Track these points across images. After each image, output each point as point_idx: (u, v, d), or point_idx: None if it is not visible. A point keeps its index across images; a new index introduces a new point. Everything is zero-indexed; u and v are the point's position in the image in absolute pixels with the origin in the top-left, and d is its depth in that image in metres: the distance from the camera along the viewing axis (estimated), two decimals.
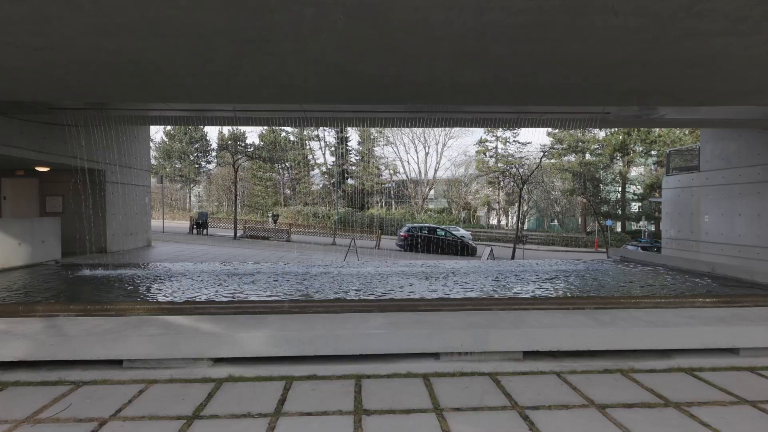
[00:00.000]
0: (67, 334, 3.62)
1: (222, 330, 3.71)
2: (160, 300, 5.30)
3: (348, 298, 5.63)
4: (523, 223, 39.18)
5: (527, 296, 6.11)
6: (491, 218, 44.02)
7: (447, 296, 5.94)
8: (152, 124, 13.04)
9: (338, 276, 7.60)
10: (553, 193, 38.13)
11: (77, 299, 5.60)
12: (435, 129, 41.11)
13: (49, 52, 4.73)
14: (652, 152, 35.06)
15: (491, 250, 14.11)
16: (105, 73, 5.47)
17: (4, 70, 5.30)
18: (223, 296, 5.73)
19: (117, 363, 3.64)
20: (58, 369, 3.57)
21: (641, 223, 36.05)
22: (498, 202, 40.81)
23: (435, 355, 3.80)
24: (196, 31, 4.37)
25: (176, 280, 6.93)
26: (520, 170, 20.23)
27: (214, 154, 50.23)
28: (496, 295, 6.23)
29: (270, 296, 5.85)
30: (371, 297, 5.87)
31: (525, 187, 18.80)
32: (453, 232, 20.22)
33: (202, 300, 5.30)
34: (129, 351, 3.55)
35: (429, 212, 40.33)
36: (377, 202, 42.37)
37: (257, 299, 5.43)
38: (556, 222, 41.23)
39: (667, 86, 6.16)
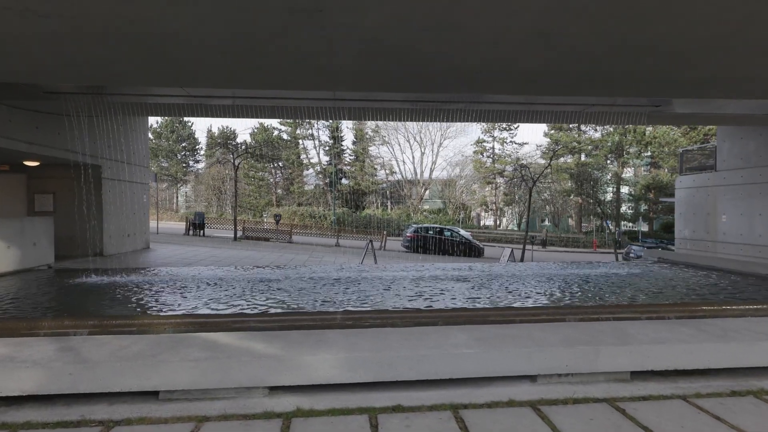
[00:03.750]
0: (88, 360, 2.92)
1: (281, 351, 3.06)
2: (189, 313, 4.58)
3: (406, 308, 4.98)
4: (520, 224, 39.06)
5: (600, 303, 5.48)
6: (485, 219, 43.76)
7: (511, 305, 5.35)
8: (151, 115, 12.10)
9: (374, 281, 6.91)
10: (546, 193, 38.08)
11: (88, 313, 4.84)
12: (432, 129, 40.72)
13: (57, 19, 4.00)
14: (647, 153, 35.31)
15: (511, 251, 13.65)
16: (119, 48, 4.74)
17: (1, 43, 4.53)
18: (253, 307, 5.03)
19: (150, 394, 2.97)
20: (78, 403, 2.87)
21: (632, 223, 36.25)
22: (495, 203, 40.62)
23: (531, 378, 3.23)
24: None
25: (193, 288, 6.16)
26: (525, 171, 19.84)
27: (202, 152, 48.82)
28: (578, 303, 5.53)
29: (287, 304, 5.18)
30: (426, 306, 5.23)
31: (525, 187, 18.43)
32: (459, 233, 19.77)
33: (237, 312, 4.60)
34: (169, 380, 2.88)
35: (424, 213, 39.84)
36: (373, 203, 41.70)
37: (303, 311, 4.76)
38: (547, 222, 41.20)
39: (736, 74, 5.74)
